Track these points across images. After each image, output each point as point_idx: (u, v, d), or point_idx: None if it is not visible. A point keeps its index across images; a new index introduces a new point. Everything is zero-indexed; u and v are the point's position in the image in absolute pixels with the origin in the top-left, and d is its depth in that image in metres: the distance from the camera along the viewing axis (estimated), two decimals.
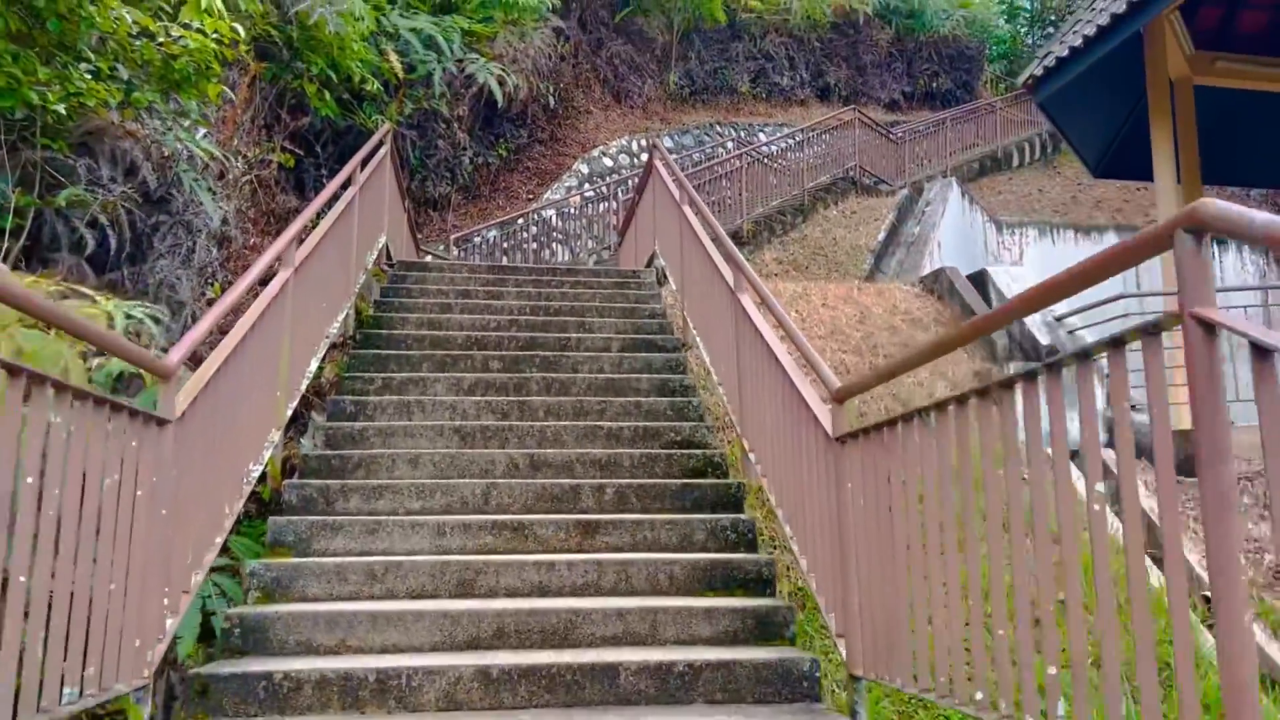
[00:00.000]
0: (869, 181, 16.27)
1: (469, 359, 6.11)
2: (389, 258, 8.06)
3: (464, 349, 6.33)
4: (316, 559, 4.02)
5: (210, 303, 6.58)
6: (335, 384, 6.00)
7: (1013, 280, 9.47)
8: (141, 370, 3.25)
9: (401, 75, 11.19)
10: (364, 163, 6.85)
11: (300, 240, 5.38)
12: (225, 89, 6.86)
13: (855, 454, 3.22)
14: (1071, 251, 14.88)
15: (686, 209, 6.81)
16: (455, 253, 12.37)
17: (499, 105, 12.84)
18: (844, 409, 3.41)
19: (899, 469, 2.88)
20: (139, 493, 2.89)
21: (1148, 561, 4.74)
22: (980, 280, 9.46)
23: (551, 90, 14.51)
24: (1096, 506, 1.89)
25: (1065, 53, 10.58)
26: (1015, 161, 19.36)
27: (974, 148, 18.75)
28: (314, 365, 5.35)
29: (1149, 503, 6.10)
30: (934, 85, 21.15)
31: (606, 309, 7.24)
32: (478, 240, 12.80)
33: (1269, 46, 11.33)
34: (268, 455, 4.42)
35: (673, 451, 5.11)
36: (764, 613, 3.75)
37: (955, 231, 13.93)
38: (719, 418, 6.29)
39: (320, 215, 6.14)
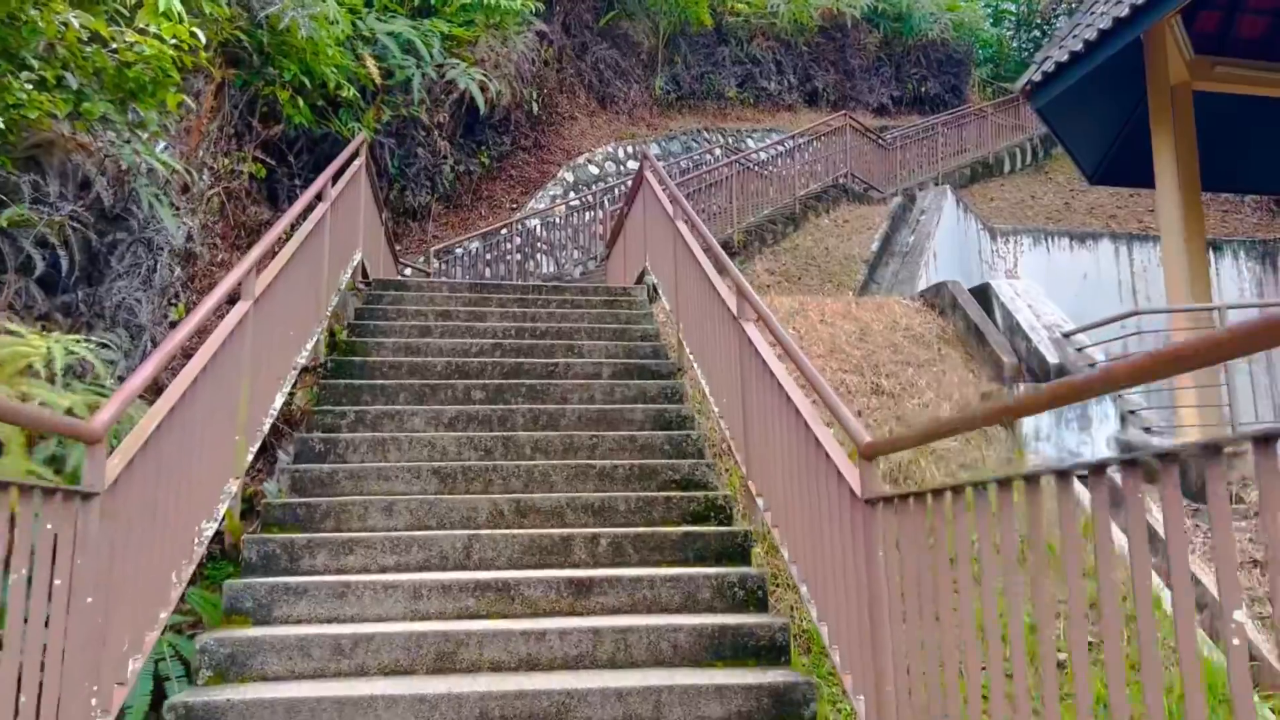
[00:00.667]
0: (860, 189, 15.92)
1: (450, 389, 5.68)
2: (365, 275, 7.61)
3: (444, 377, 5.90)
4: (278, 629, 3.58)
5: (173, 325, 6.12)
6: (306, 413, 5.56)
7: (1016, 294, 9.11)
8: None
9: (379, 81, 10.73)
10: (336, 176, 6.40)
11: (272, 255, 4.94)
12: (187, 98, 6.39)
13: (890, 520, 2.82)
14: (1067, 259, 14.61)
15: (681, 225, 6.39)
16: (436, 265, 11.90)
17: (481, 112, 12.40)
18: (874, 466, 3.01)
19: (947, 546, 2.49)
20: (56, 582, 2.45)
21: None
22: (983, 294, 9.10)
23: (535, 96, 14.08)
24: (1237, 641, 1.50)
25: (1065, 57, 10.29)
26: (1007, 167, 19.08)
27: (965, 153, 18.45)
28: (279, 401, 4.90)
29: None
30: (923, 90, 20.86)
31: (596, 330, 6.81)
32: (459, 252, 12.34)
33: (1268, 51, 11.11)
34: (224, 509, 3.98)
35: (671, 494, 4.69)
36: (781, 689, 3.34)
37: (950, 240, 13.61)
38: (716, 445, 5.88)
39: (292, 229, 5.70)
